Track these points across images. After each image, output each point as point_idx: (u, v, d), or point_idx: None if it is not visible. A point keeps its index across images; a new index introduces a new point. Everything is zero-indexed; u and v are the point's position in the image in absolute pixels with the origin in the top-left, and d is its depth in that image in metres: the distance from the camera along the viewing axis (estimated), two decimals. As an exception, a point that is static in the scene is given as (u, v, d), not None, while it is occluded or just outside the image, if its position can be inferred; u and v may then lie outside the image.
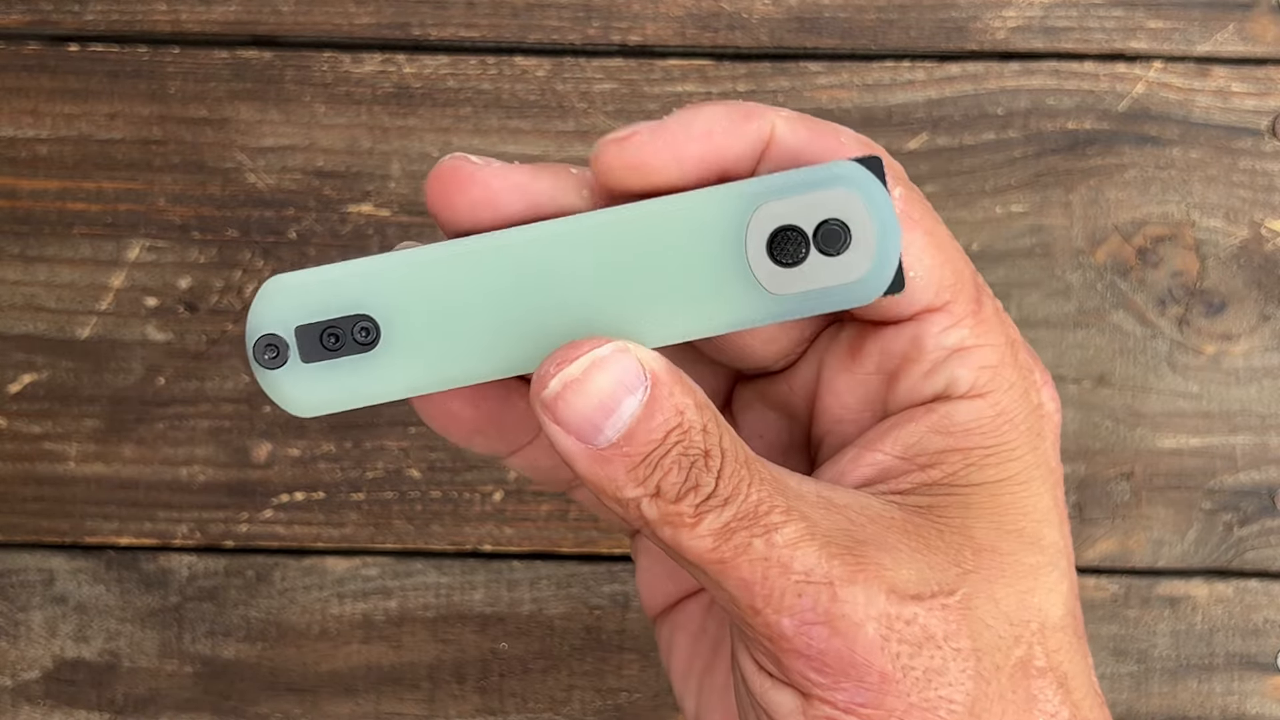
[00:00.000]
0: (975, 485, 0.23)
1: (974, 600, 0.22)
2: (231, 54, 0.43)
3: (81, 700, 0.44)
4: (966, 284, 0.24)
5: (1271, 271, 0.43)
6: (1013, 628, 0.23)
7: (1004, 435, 0.24)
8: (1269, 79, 0.43)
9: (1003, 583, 0.23)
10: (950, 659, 0.22)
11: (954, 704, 0.22)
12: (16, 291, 0.43)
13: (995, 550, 0.23)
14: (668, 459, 0.22)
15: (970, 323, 0.24)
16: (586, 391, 0.22)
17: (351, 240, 0.43)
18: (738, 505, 0.22)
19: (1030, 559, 0.23)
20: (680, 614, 0.28)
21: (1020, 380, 0.24)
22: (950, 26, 0.43)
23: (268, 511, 0.44)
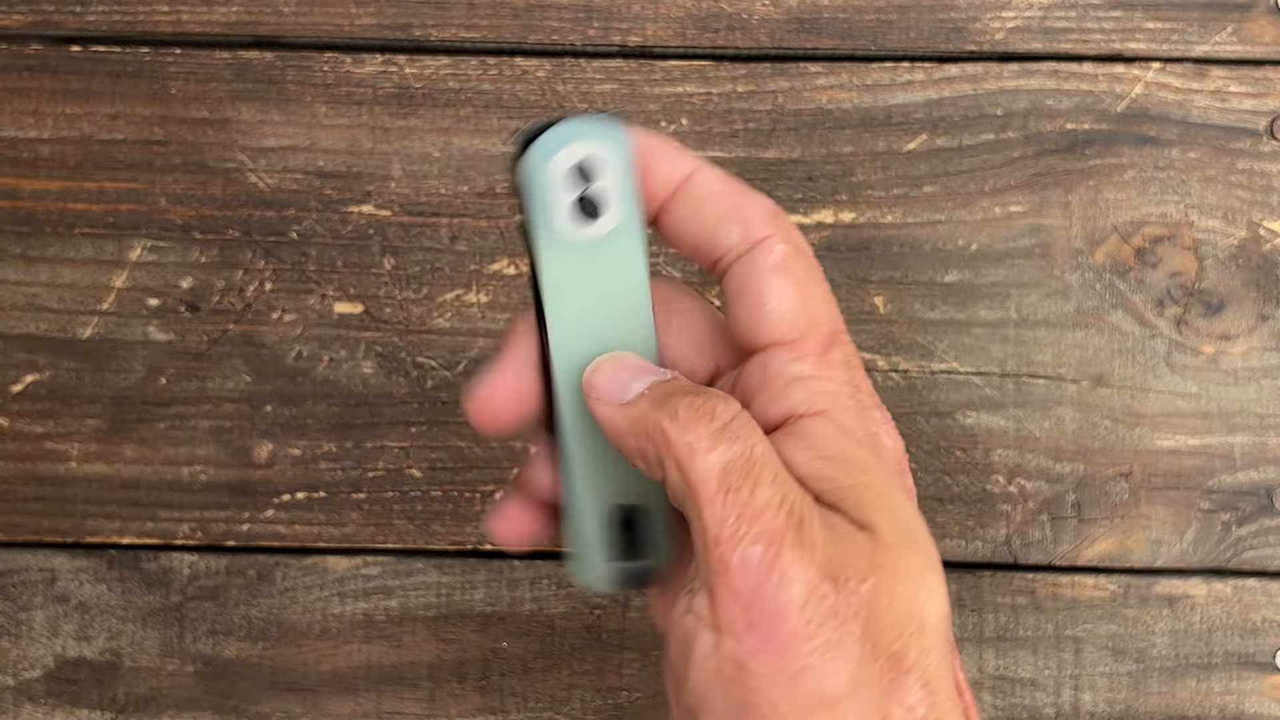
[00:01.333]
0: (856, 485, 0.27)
1: (878, 593, 0.25)
2: (233, 55, 0.43)
3: (83, 699, 0.44)
4: (819, 331, 0.28)
5: (1270, 272, 0.43)
6: (898, 623, 0.25)
7: (849, 448, 0.27)
8: (1267, 80, 0.43)
9: (900, 579, 0.26)
10: (847, 637, 0.25)
11: (839, 676, 0.25)
12: (18, 291, 0.44)
13: (894, 547, 0.26)
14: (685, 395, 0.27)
15: (813, 360, 0.28)
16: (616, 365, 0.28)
17: (353, 240, 0.43)
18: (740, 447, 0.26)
19: (917, 560, 0.26)
20: None
21: (855, 408, 0.28)
22: (949, 27, 0.43)
23: (269, 511, 0.44)
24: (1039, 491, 0.43)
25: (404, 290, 0.43)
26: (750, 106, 0.43)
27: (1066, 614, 0.44)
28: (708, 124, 0.43)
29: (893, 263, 0.43)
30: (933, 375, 0.43)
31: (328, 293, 0.43)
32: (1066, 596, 0.44)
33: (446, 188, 0.43)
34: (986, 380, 0.43)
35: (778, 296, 0.28)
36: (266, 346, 0.44)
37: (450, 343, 0.43)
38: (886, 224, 0.43)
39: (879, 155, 0.43)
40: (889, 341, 0.43)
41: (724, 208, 0.29)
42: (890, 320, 0.43)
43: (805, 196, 0.43)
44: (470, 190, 0.43)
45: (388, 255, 0.43)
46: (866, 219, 0.43)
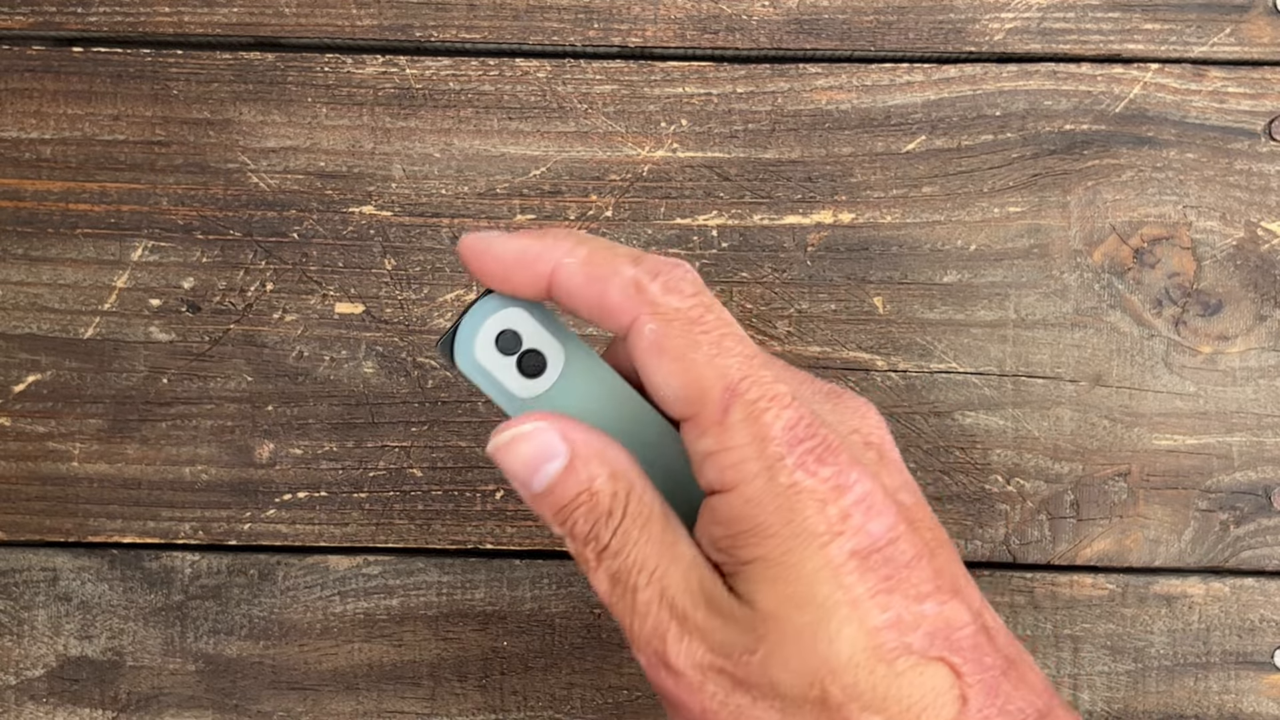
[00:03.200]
0: (748, 562, 0.28)
1: (769, 659, 0.28)
2: (234, 56, 0.44)
3: (85, 698, 0.44)
4: (710, 397, 0.29)
5: (1267, 272, 0.43)
6: (803, 676, 0.28)
7: (756, 519, 0.28)
8: (1265, 81, 0.43)
9: (787, 644, 0.28)
10: (757, 700, 0.28)
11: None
12: (21, 292, 0.44)
13: (775, 617, 0.28)
14: (578, 513, 0.30)
15: (715, 431, 0.29)
16: (514, 454, 0.30)
17: (354, 241, 0.43)
18: (620, 560, 0.29)
19: (804, 618, 0.28)
20: None
21: (764, 469, 0.28)
22: (948, 29, 0.43)
23: (270, 510, 0.44)
24: (1037, 491, 0.43)
25: (405, 290, 0.44)
26: (750, 107, 0.43)
27: (1065, 613, 0.44)
28: (707, 124, 0.43)
29: (891, 263, 0.43)
30: (931, 375, 0.43)
31: (329, 293, 0.44)
32: (1065, 596, 0.44)
33: (447, 188, 0.43)
34: (985, 380, 0.43)
35: (661, 379, 0.29)
36: (268, 346, 0.44)
37: (451, 343, 0.44)
38: (885, 224, 0.43)
39: (878, 156, 0.43)
40: (888, 341, 0.43)
41: (587, 304, 0.30)
42: (889, 320, 0.43)
43: (804, 197, 0.43)
44: (471, 191, 0.43)
45: (388, 256, 0.44)
46: (865, 219, 0.43)
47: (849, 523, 0.28)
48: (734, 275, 0.43)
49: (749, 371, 0.29)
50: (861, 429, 0.31)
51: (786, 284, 0.43)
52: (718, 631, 0.28)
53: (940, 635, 0.28)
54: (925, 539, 0.29)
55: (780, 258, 0.43)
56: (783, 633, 0.28)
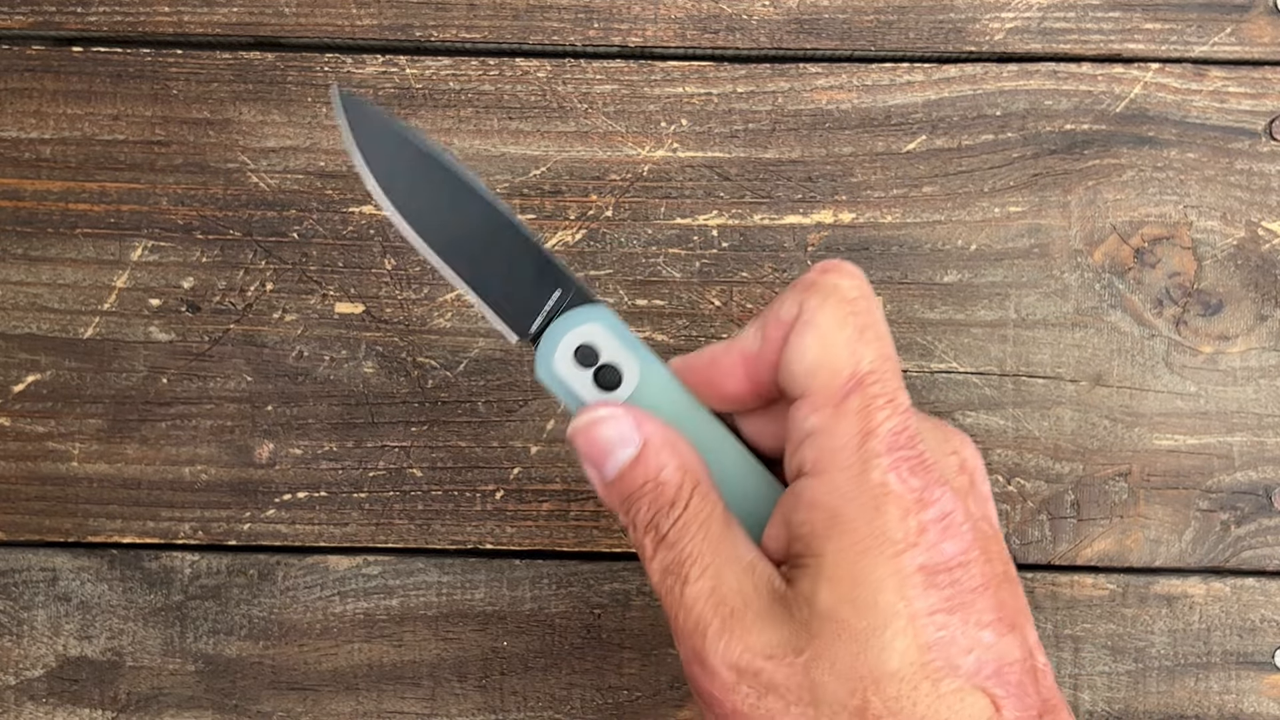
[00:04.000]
0: (820, 555, 0.28)
1: (815, 661, 0.28)
2: (234, 56, 0.44)
3: (85, 698, 0.44)
4: (837, 380, 0.29)
5: (1268, 272, 0.43)
6: (848, 682, 0.27)
7: (839, 509, 0.28)
8: (1265, 80, 0.43)
9: (838, 645, 0.28)
10: (792, 704, 0.28)
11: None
12: (20, 292, 0.44)
13: (833, 617, 0.28)
14: (642, 501, 0.30)
15: (827, 412, 0.29)
16: (591, 437, 0.31)
17: (354, 241, 0.43)
18: (675, 552, 0.30)
19: (861, 623, 0.28)
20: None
21: (858, 463, 0.29)
22: (948, 28, 0.43)
23: (270, 510, 0.44)
24: (1038, 491, 0.43)
25: (405, 290, 0.44)
26: (750, 107, 0.43)
27: (1065, 613, 0.44)
28: (708, 124, 0.43)
29: (892, 263, 0.43)
30: (932, 375, 0.43)
31: (329, 293, 0.44)
32: (1065, 596, 0.44)
33: (447, 188, 0.43)
34: (985, 380, 0.43)
35: (799, 352, 0.30)
36: (268, 346, 0.44)
37: (450, 343, 0.44)
38: (886, 224, 0.43)
39: (878, 156, 0.43)
40: (888, 341, 0.43)
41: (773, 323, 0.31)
42: (890, 320, 0.43)
43: (805, 197, 0.43)
44: (471, 191, 0.43)
45: (388, 255, 0.44)
46: (866, 219, 0.43)
47: (925, 537, 0.28)
48: (734, 275, 0.43)
49: (880, 366, 0.29)
50: (960, 452, 0.32)
51: (787, 284, 0.43)
52: (766, 631, 0.28)
53: (989, 666, 0.28)
54: (995, 570, 0.29)
55: (781, 258, 0.43)
56: (835, 634, 0.28)
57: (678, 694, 0.44)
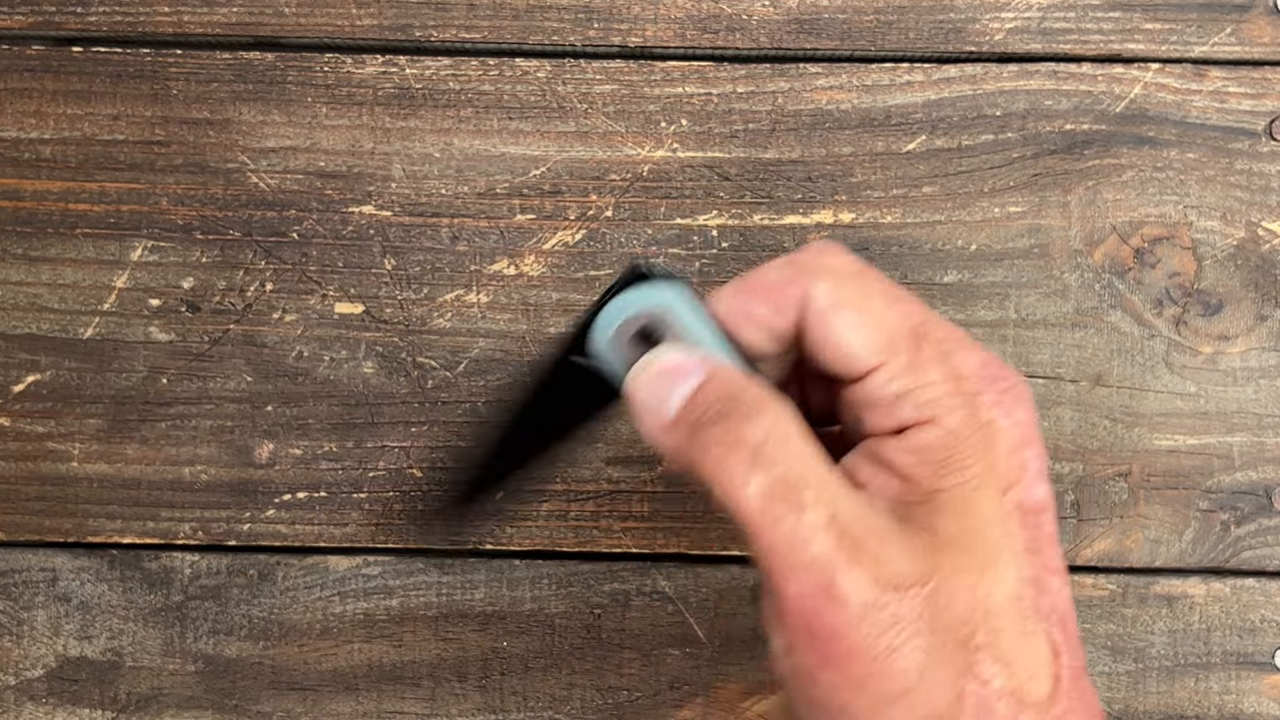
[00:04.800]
0: (937, 491, 0.28)
1: (938, 591, 0.27)
2: (234, 56, 0.44)
3: (85, 698, 0.44)
4: (901, 339, 0.29)
5: (1268, 272, 0.43)
6: (962, 612, 0.27)
7: (953, 450, 0.28)
8: (1265, 81, 0.43)
9: (958, 576, 0.27)
10: (911, 638, 0.26)
11: (905, 674, 0.26)
12: (20, 292, 0.44)
13: (953, 547, 0.27)
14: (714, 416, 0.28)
15: (908, 371, 0.29)
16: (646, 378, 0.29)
17: (353, 241, 0.43)
18: (779, 471, 0.27)
19: (979, 555, 0.28)
20: None
21: (964, 404, 0.29)
22: (948, 28, 0.43)
23: (270, 510, 0.44)
24: (1038, 491, 0.43)
25: (404, 290, 0.44)
26: (750, 107, 0.43)
27: (1065, 613, 0.44)
28: (707, 124, 0.43)
29: (892, 263, 0.43)
30: (932, 375, 0.43)
31: (328, 293, 0.44)
32: (1065, 596, 0.44)
33: (447, 188, 0.43)
34: (985, 380, 0.43)
35: (843, 332, 0.29)
36: (267, 346, 0.44)
37: (450, 343, 0.44)
38: (886, 224, 0.43)
39: (878, 156, 0.43)
40: (888, 341, 0.43)
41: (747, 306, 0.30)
42: (889, 320, 0.43)
43: (805, 197, 0.43)
44: (471, 191, 0.43)
45: (388, 256, 0.44)
46: (866, 219, 0.43)
47: (1025, 474, 0.29)
48: (734, 275, 0.43)
49: (927, 315, 0.29)
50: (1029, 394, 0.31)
51: (787, 284, 0.43)
52: (892, 563, 0.27)
53: (1058, 611, 0.29)
54: (1055, 524, 0.30)
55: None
56: (956, 565, 0.27)
57: (678, 694, 0.44)
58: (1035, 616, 0.28)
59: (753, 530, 0.27)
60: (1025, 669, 0.28)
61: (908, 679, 0.26)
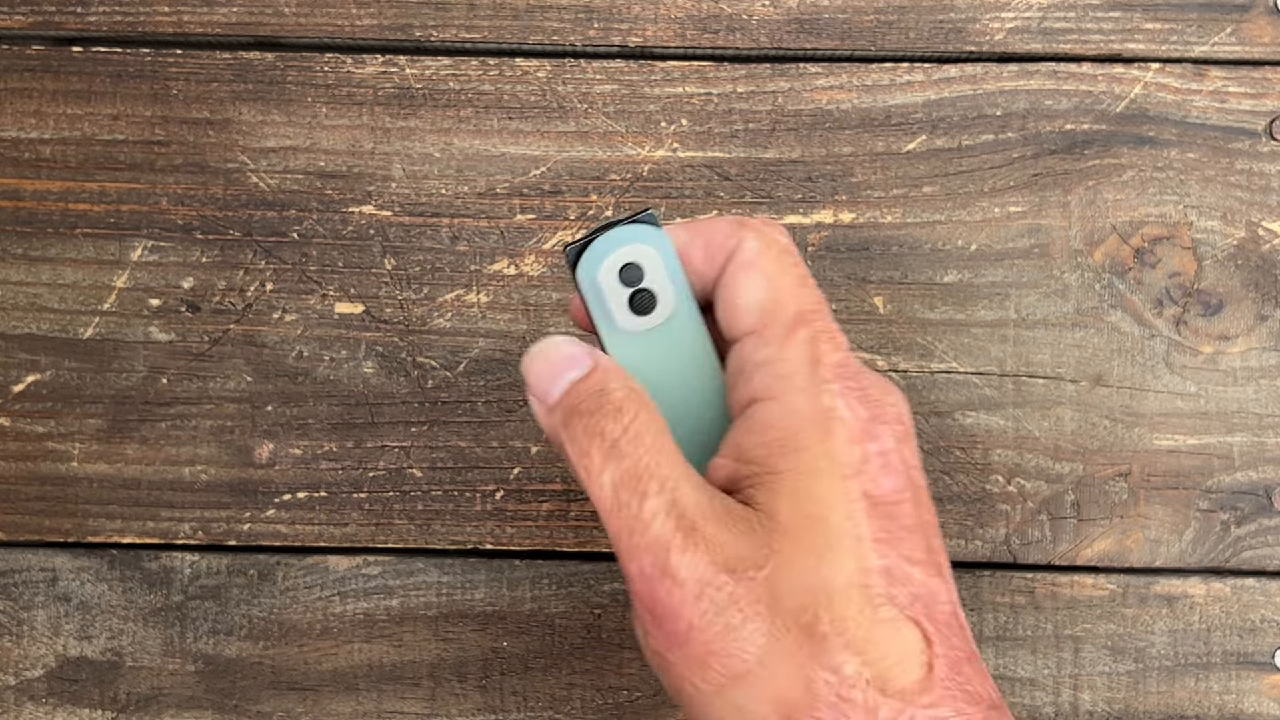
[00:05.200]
0: (778, 473, 0.29)
1: (776, 575, 0.28)
2: (234, 56, 0.44)
3: (85, 698, 0.44)
4: (784, 314, 0.30)
5: (1268, 272, 0.43)
6: (803, 595, 0.28)
7: (793, 429, 0.29)
8: (1265, 80, 0.43)
9: (797, 560, 0.28)
10: (749, 619, 0.28)
11: (745, 655, 0.28)
12: (20, 292, 0.44)
13: (792, 531, 0.28)
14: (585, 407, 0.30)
15: (777, 344, 0.30)
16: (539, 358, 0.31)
17: (353, 241, 0.43)
18: (628, 463, 0.29)
19: (817, 540, 0.28)
20: None
21: (809, 387, 0.30)
22: (948, 28, 0.43)
23: (270, 510, 0.44)
24: (1038, 491, 0.43)
25: (404, 290, 0.44)
26: (750, 107, 0.43)
27: (1065, 613, 0.44)
28: (708, 124, 0.43)
29: (892, 263, 0.43)
30: (932, 375, 0.43)
31: (328, 293, 0.44)
32: (1065, 596, 0.44)
33: (447, 188, 0.43)
34: (986, 380, 0.43)
35: (745, 290, 0.31)
36: (267, 346, 0.44)
37: (450, 343, 0.44)
38: (886, 224, 0.43)
39: (878, 156, 0.43)
40: (888, 341, 0.43)
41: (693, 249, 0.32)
42: (890, 320, 0.43)
43: (805, 197, 0.43)
44: (471, 191, 0.43)
45: (388, 255, 0.44)
46: (866, 219, 0.43)
47: (867, 466, 0.29)
48: (734, 275, 0.43)
49: (820, 309, 0.31)
50: (898, 405, 0.32)
51: (787, 284, 0.43)
52: (728, 546, 0.28)
53: (921, 601, 0.29)
54: (924, 517, 0.30)
55: (780, 258, 0.43)
56: (795, 549, 0.28)
57: (678, 694, 0.44)
58: (890, 605, 0.28)
59: (604, 516, 0.29)
60: (885, 656, 0.28)
61: (747, 660, 0.28)
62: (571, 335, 0.32)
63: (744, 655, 0.28)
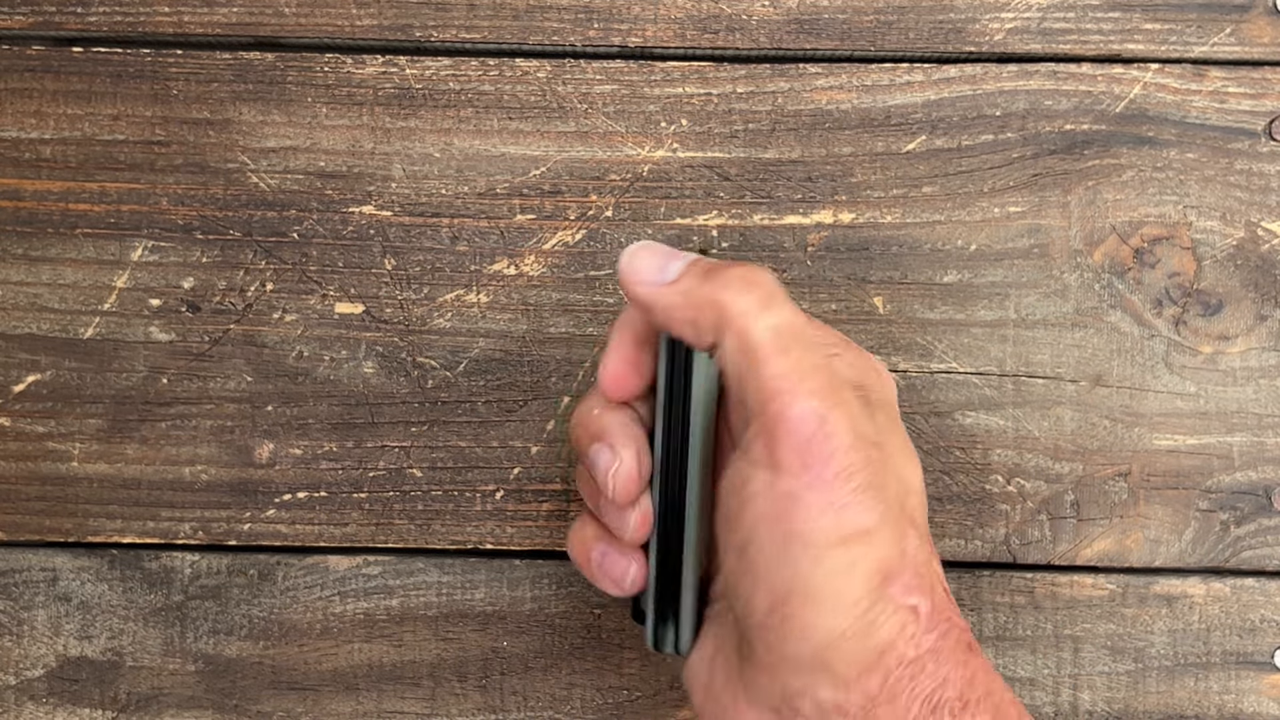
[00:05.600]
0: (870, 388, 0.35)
1: (890, 455, 0.32)
2: (234, 56, 0.44)
3: (85, 698, 0.44)
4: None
5: (1268, 272, 0.43)
6: (902, 482, 0.33)
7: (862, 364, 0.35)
8: (1265, 81, 0.43)
9: (897, 451, 0.33)
10: (877, 486, 0.31)
11: (873, 512, 0.31)
12: (20, 292, 0.44)
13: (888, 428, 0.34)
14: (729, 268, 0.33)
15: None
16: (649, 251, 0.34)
17: (353, 241, 0.43)
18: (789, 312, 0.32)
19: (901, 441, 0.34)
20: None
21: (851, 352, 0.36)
22: (948, 28, 0.43)
23: (270, 510, 0.44)
24: (1038, 491, 0.43)
25: (405, 290, 0.44)
26: (750, 107, 0.43)
27: (1065, 613, 0.44)
28: (707, 124, 0.43)
29: (892, 263, 0.43)
30: (932, 375, 0.43)
31: (329, 293, 0.44)
32: (1065, 596, 0.44)
33: (447, 188, 0.43)
34: (985, 380, 0.43)
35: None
36: (268, 346, 0.44)
37: (451, 343, 0.44)
38: (886, 224, 0.43)
39: (878, 156, 0.43)
40: (888, 341, 0.43)
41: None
42: (889, 320, 0.43)
43: (805, 197, 0.43)
44: (471, 191, 0.43)
45: (388, 256, 0.44)
46: (866, 219, 0.43)
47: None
48: (734, 275, 0.43)
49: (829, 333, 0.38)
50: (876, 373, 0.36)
51: (787, 284, 0.43)
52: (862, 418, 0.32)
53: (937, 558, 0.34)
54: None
55: (780, 258, 0.43)
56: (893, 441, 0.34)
57: (677, 694, 0.44)
58: (931, 544, 0.33)
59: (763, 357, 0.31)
60: (930, 554, 0.33)
61: (873, 519, 0.31)
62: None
63: (871, 512, 0.31)
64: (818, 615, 0.30)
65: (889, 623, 0.30)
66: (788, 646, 0.31)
